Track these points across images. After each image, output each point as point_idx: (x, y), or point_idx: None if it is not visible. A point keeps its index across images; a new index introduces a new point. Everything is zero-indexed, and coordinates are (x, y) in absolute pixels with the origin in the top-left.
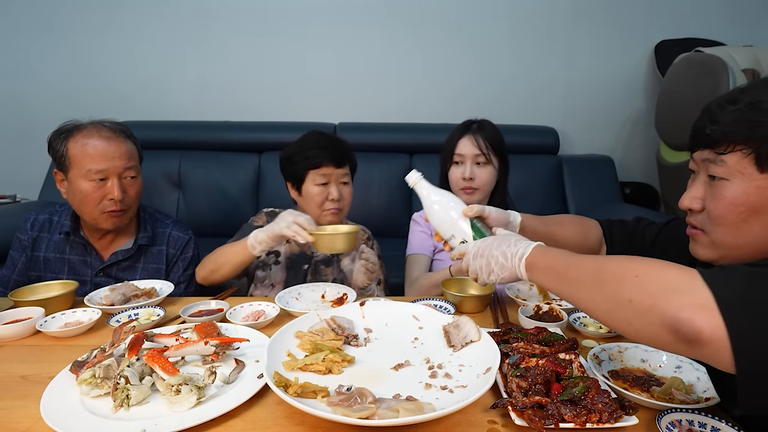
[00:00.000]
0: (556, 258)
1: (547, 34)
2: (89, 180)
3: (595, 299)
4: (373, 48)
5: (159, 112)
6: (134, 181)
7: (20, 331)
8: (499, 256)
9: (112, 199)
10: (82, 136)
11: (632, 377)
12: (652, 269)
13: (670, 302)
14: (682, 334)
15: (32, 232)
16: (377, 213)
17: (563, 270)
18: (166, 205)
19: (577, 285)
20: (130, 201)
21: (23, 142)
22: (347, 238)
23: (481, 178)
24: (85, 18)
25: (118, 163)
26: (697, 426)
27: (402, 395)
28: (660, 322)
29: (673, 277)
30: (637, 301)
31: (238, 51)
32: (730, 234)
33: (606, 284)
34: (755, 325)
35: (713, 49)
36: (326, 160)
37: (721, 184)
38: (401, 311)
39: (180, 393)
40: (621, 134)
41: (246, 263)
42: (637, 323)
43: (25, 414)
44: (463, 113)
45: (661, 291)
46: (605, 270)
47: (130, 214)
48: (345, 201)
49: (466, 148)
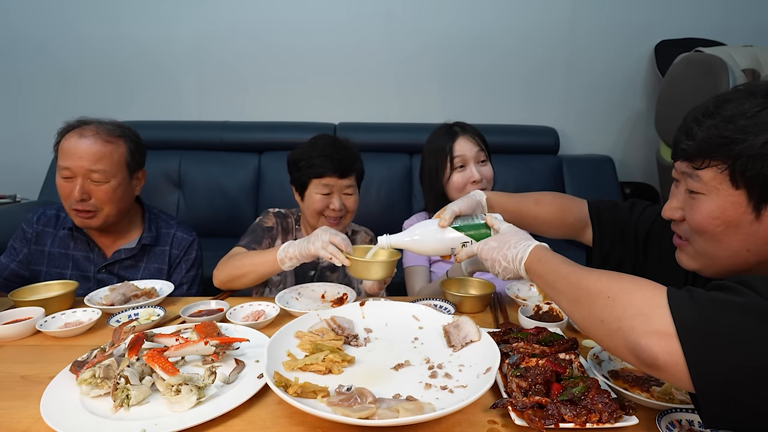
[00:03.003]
0: (545, 266)
1: (547, 34)
2: (60, 176)
3: (574, 314)
4: (373, 48)
5: (159, 112)
6: (101, 184)
7: (20, 331)
8: (501, 260)
9: (74, 199)
10: (73, 132)
11: (632, 377)
12: (622, 291)
13: (633, 327)
14: (642, 358)
15: (37, 226)
16: (377, 213)
17: (551, 281)
18: (166, 205)
19: (561, 297)
20: (99, 203)
21: (23, 142)
22: (384, 267)
23: (486, 176)
24: (84, 19)
25: (82, 163)
26: (697, 426)
27: (402, 395)
28: (624, 345)
29: (641, 300)
30: (606, 322)
31: (238, 51)
32: (711, 245)
33: (582, 302)
34: (712, 352)
35: (713, 49)
36: (330, 170)
37: (698, 197)
38: (401, 311)
39: (180, 393)
40: (621, 134)
41: (272, 274)
42: (608, 342)
43: (25, 414)
44: (463, 113)
45: (626, 315)
46: (582, 288)
47: (104, 216)
48: (348, 211)
49: (465, 149)
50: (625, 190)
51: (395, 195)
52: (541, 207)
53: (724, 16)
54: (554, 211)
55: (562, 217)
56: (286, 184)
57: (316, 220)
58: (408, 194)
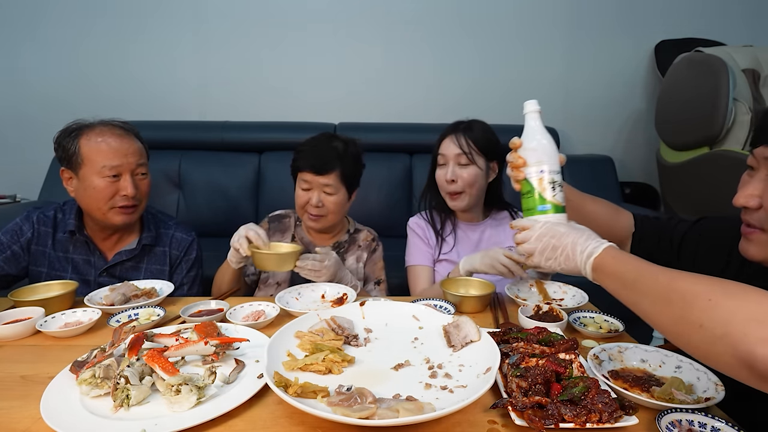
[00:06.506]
0: (626, 265)
1: (547, 34)
2: (103, 176)
3: (662, 317)
4: (373, 48)
5: (159, 112)
6: (145, 177)
7: (20, 331)
8: (568, 246)
9: (125, 195)
10: (96, 134)
11: (632, 377)
12: (727, 294)
13: (746, 334)
14: (758, 370)
15: (38, 226)
16: (377, 213)
17: (631, 279)
18: (166, 205)
19: (644, 298)
20: (141, 197)
21: (23, 143)
22: (279, 259)
23: (464, 178)
24: (85, 19)
25: (131, 159)
26: (697, 426)
27: (402, 395)
28: (732, 353)
29: (751, 304)
30: (708, 327)
31: (238, 51)
32: None
33: (675, 304)
34: None
35: (713, 49)
36: (307, 166)
37: None
38: (401, 311)
39: (180, 393)
40: (621, 134)
41: (237, 274)
42: (706, 349)
43: (25, 414)
44: (464, 113)
45: (735, 320)
46: (676, 289)
47: (141, 210)
48: (328, 210)
49: (448, 149)
50: (625, 190)
51: (395, 195)
52: (597, 206)
53: (724, 16)
54: (607, 215)
55: (612, 223)
56: (286, 184)
57: (300, 214)
58: (408, 194)
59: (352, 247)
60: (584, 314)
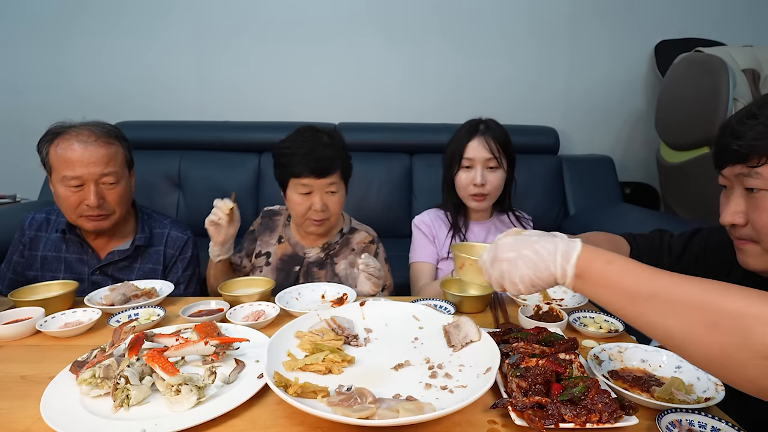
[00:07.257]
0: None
1: (547, 34)
2: (66, 186)
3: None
4: (373, 48)
5: (159, 112)
6: (114, 186)
7: (20, 331)
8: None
9: (89, 205)
10: (64, 141)
11: (632, 377)
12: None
13: None
14: None
15: (29, 232)
16: (377, 213)
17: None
18: (166, 205)
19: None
20: (112, 206)
21: (23, 143)
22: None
23: (492, 183)
24: (85, 18)
25: (94, 169)
26: (697, 426)
27: (402, 395)
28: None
29: None
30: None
31: (238, 51)
32: None
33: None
34: None
35: (713, 49)
36: (307, 171)
37: (762, 195)
38: (401, 311)
39: (180, 393)
40: (621, 134)
41: (224, 269)
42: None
43: (25, 414)
44: (464, 113)
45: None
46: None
47: (116, 217)
48: (331, 211)
49: (477, 152)
50: (625, 190)
51: (395, 195)
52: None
53: (724, 16)
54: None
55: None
56: None
57: (300, 222)
58: (408, 194)
59: (344, 250)
60: (584, 314)
